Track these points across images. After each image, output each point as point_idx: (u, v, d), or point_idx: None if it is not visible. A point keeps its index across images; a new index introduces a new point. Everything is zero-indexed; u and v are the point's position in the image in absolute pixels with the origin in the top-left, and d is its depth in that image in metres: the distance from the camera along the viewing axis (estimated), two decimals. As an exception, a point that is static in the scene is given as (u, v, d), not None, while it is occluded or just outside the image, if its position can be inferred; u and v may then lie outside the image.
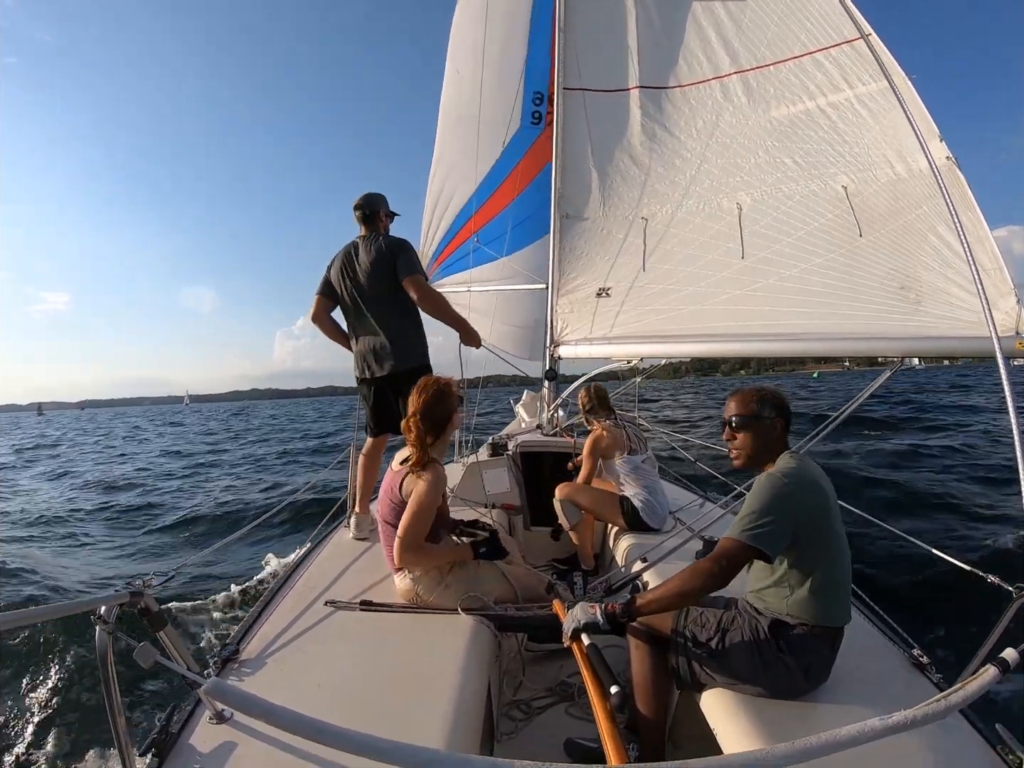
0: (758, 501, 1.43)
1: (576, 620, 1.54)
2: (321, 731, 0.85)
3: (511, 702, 2.20)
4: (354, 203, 2.79)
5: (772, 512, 1.40)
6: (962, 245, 1.51)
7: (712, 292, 2.75)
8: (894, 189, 2.49)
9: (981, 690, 1.00)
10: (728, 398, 1.67)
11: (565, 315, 3.46)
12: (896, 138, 2.52)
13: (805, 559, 1.46)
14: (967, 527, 5.06)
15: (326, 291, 2.80)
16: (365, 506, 2.80)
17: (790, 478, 1.44)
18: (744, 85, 2.99)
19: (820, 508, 1.46)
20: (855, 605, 1.96)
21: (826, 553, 1.47)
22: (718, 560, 1.41)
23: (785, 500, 1.41)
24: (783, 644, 1.46)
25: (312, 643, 1.77)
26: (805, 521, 1.43)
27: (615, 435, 2.89)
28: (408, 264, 2.64)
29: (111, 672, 1.17)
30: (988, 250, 2.22)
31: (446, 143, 5.30)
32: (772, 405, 1.59)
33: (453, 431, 2.14)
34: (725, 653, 1.50)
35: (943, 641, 3.21)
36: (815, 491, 1.46)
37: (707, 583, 1.41)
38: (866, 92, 2.64)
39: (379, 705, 1.46)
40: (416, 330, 2.74)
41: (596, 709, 1.28)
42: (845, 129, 2.67)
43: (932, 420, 13.41)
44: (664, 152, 3.22)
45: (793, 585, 1.47)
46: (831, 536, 1.48)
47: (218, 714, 1.40)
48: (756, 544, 1.38)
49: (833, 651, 1.50)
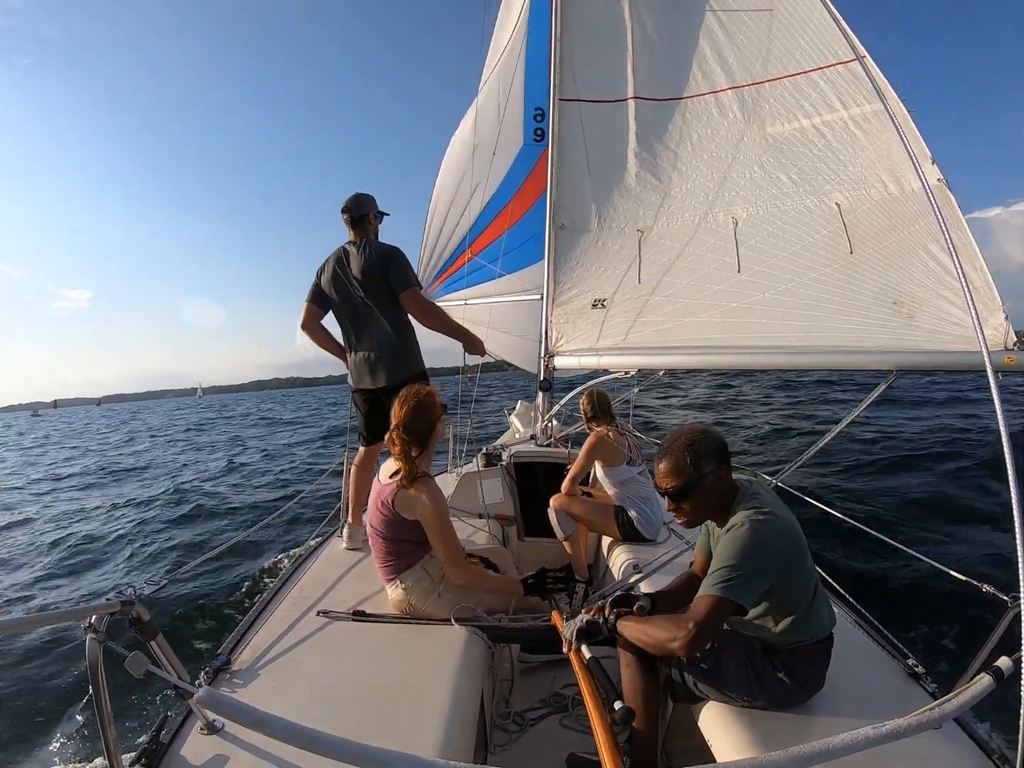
0: (732, 554, 1.34)
1: (580, 621, 1.55)
2: (315, 741, 0.85)
3: (504, 713, 2.19)
4: (341, 206, 2.71)
5: (748, 564, 1.33)
6: (954, 264, 1.54)
7: (708, 305, 2.78)
8: (887, 208, 2.55)
9: (975, 699, 1.01)
10: (656, 459, 1.50)
11: (560, 326, 3.48)
12: (889, 158, 2.58)
13: (785, 597, 1.43)
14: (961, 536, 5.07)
15: (316, 298, 2.75)
16: (358, 516, 2.77)
17: (764, 526, 1.36)
18: (739, 101, 3.03)
19: (798, 549, 1.42)
20: (849, 616, 1.96)
21: (806, 583, 1.46)
22: (692, 621, 1.32)
23: (761, 549, 1.34)
24: (778, 663, 1.46)
25: (304, 653, 1.76)
26: (783, 565, 1.38)
27: (618, 442, 2.88)
28: (402, 277, 2.59)
29: (101, 682, 1.16)
30: (978, 268, 2.28)
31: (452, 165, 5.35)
32: (709, 455, 1.44)
33: (438, 441, 2.14)
34: (720, 671, 1.50)
35: (938, 651, 3.21)
36: (789, 533, 1.41)
37: (675, 646, 1.35)
38: (860, 113, 2.70)
39: (372, 715, 1.45)
40: (409, 339, 2.71)
41: (594, 722, 1.28)
42: (839, 148, 2.72)
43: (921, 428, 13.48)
44: (660, 164, 3.26)
45: (776, 618, 1.45)
46: (805, 562, 1.46)
47: (209, 724, 1.39)
48: (733, 598, 1.31)
49: (827, 657, 1.51)
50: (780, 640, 1.47)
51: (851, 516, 2.33)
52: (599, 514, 2.88)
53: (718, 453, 1.46)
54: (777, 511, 1.42)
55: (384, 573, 2.08)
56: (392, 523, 2.00)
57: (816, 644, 1.48)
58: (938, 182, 2.38)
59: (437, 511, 1.93)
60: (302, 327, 2.83)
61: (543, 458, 3.71)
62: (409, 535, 1.99)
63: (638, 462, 2.92)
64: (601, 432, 2.89)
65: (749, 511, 1.40)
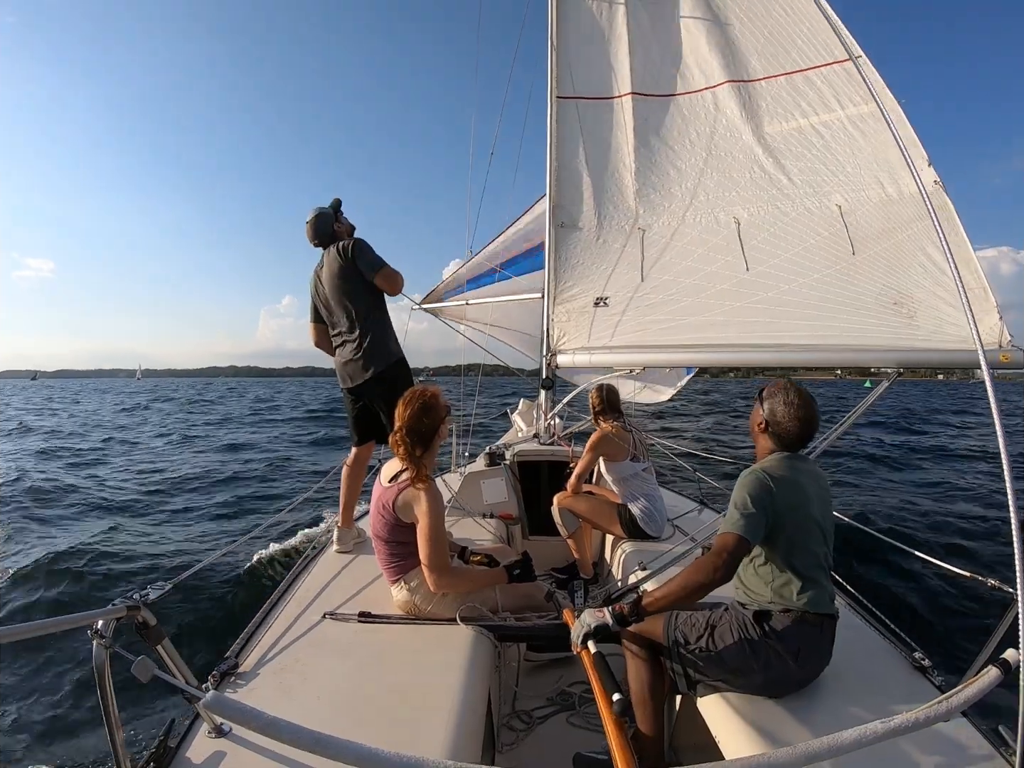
0: (737, 495, 1.56)
1: (586, 625, 1.54)
2: (323, 744, 0.85)
3: (511, 712, 2.20)
4: (309, 239, 2.76)
5: (751, 504, 1.51)
6: (949, 265, 1.57)
7: (711, 303, 2.79)
8: (886, 210, 2.57)
9: (982, 691, 1.02)
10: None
11: (562, 324, 3.47)
12: (887, 160, 2.61)
13: (783, 549, 1.54)
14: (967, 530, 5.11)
15: (316, 317, 2.84)
16: (348, 519, 2.75)
17: (763, 474, 1.56)
18: (736, 97, 3.03)
19: (797, 504, 1.55)
20: (856, 609, 1.98)
21: (805, 544, 1.55)
22: (719, 554, 1.47)
23: (761, 493, 1.53)
24: (769, 630, 1.51)
25: (311, 655, 1.75)
26: (782, 513, 1.52)
27: (624, 438, 2.89)
28: (370, 262, 2.65)
29: (108, 686, 1.15)
30: (972, 270, 2.32)
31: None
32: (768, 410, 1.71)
33: (441, 442, 2.13)
34: (715, 647, 1.54)
35: (945, 644, 3.24)
36: (791, 488, 1.56)
37: (712, 576, 1.45)
38: (857, 113, 2.71)
39: (379, 717, 1.45)
40: (383, 330, 2.73)
41: (604, 717, 1.27)
42: (838, 149, 2.74)
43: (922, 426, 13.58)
44: (659, 161, 3.25)
45: (774, 572, 1.55)
46: (809, 529, 1.56)
47: (217, 728, 1.38)
48: (744, 534, 1.47)
49: (823, 637, 1.54)
50: (772, 601, 1.54)
51: (854, 516, 2.35)
52: (602, 512, 2.89)
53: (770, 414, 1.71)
54: (792, 469, 1.61)
55: (389, 575, 2.08)
56: (393, 527, 1.99)
57: (806, 615, 1.51)
58: (935, 184, 2.41)
59: (432, 514, 1.91)
60: (316, 346, 2.91)
61: (546, 456, 3.72)
62: (411, 537, 1.98)
63: (642, 458, 2.93)
64: (606, 428, 2.90)
65: (766, 463, 1.63)
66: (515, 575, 2.13)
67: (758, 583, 1.58)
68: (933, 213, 1.66)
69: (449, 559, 2.00)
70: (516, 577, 2.12)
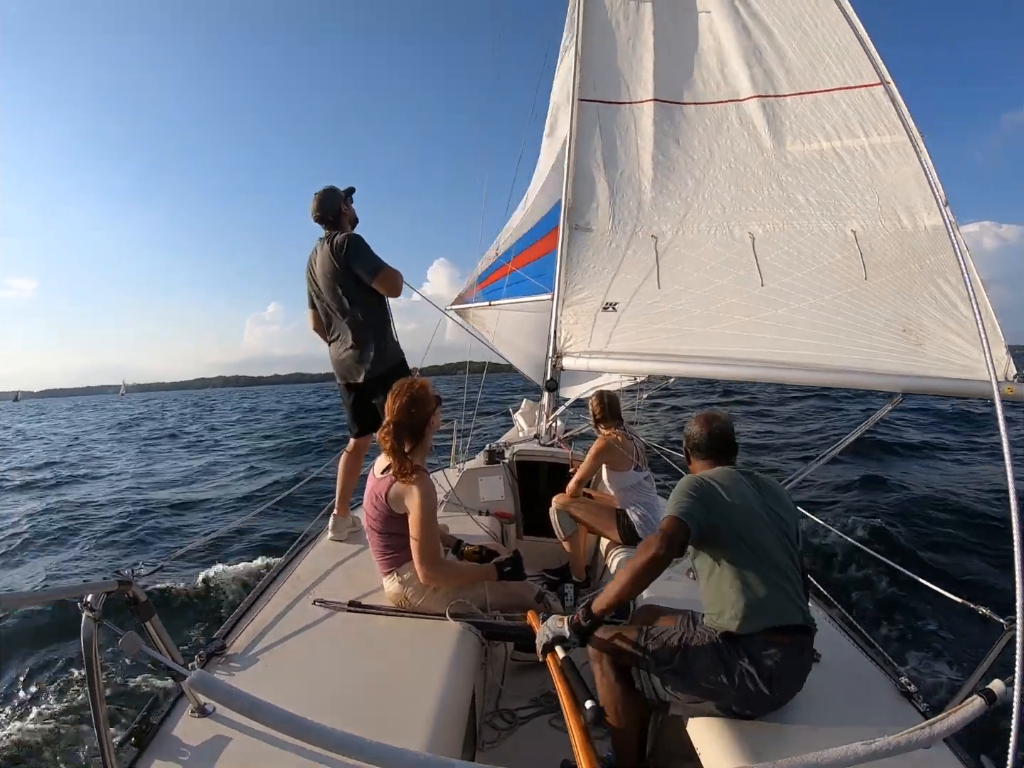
0: (674, 492, 1.60)
1: (546, 635, 1.53)
2: (304, 728, 0.85)
3: (495, 711, 2.20)
4: (312, 214, 2.63)
5: (685, 493, 1.55)
6: (971, 302, 1.61)
7: (720, 316, 2.79)
8: (900, 240, 2.60)
9: (965, 720, 1.01)
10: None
11: (569, 326, 3.47)
12: (905, 193, 2.63)
13: (740, 558, 1.50)
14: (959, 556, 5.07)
15: (312, 303, 2.75)
16: (344, 508, 2.73)
17: (702, 477, 1.62)
18: (761, 112, 3.01)
19: (739, 504, 1.55)
20: (842, 631, 1.98)
21: (762, 553, 1.50)
22: (658, 534, 1.48)
23: (694, 485, 1.58)
24: (742, 651, 1.45)
25: (298, 641, 1.75)
26: (721, 508, 1.52)
27: (627, 447, 2.88)
28: (368, 264, 2.52)
29: (95, 659, 1.15)
30: (982, 305, 2.35)
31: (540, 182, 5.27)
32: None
33: (433, 433, 2.12)
34: (688, 666, 1.48)
35: (932, 671, 3.23)
36: (727, 488, 1.57)
37: (651, 553, 1.43)
38: (880, 143, 2.71)
39: (362, 706, 1.45)
40: (384, 331, 2.65)
41: (570, 723, 1.27)
42: (858, 177, 2.75)
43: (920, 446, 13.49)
44: (677, 170, 3.23)
45: (735, 585, 1.49)
46: (762, 533, 1.52)
47: (200, 708, 1.39)
48: (678, 514, 1.48)
49: (796, 652, 1.48)
50: (738, 618, 1.47)
51: (848, 533, 2.36)
52: (600, 516, 2.89)
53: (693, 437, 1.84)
54: (717, 475, 1.64)
55: (382, 566, 2.08)
56: (386, 518, 1.99)
57: (773, 631, 1.45)
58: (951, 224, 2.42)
59: (423, 506, 1.90)
60: (314, 330, 2.83)
61: (546, 458, 3.72)
62: (404, 529, 1.97)
63: (643, 468, 2.92)
64: (609, 436, 2.89)
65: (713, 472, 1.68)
66: (505, 572, 2.12)
67: (717, 607, 1.52)
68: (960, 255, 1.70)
69: (440, 552, 2.00)
70: (506, 575, 2.12)
